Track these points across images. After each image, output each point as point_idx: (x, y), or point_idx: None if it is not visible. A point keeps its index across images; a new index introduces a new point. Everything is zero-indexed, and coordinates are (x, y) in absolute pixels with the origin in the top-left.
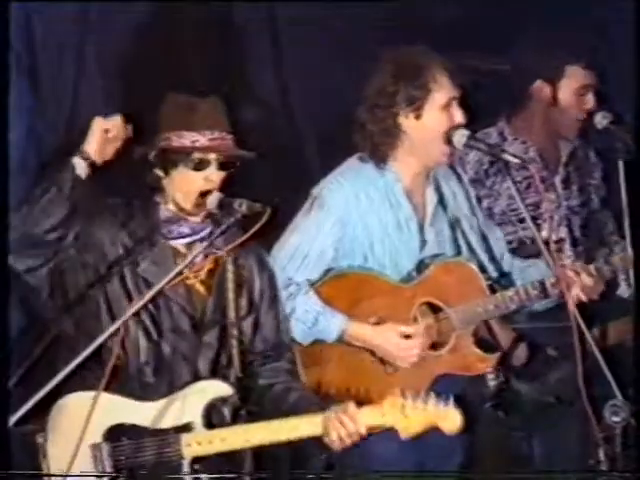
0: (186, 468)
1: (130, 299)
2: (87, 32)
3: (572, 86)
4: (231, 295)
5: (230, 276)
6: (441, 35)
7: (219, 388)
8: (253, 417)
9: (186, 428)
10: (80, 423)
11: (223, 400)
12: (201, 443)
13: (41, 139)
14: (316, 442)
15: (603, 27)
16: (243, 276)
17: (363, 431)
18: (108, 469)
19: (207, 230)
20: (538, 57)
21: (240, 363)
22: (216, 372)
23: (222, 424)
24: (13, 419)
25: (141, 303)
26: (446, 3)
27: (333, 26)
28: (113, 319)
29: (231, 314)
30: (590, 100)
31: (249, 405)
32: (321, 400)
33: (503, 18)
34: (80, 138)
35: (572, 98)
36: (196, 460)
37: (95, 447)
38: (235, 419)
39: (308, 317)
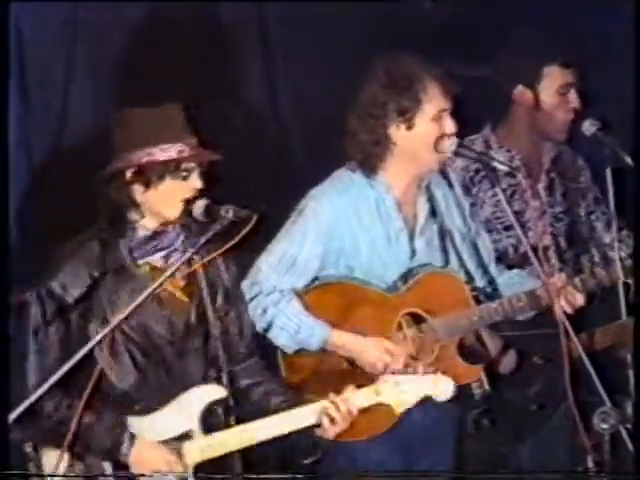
0: (190, 477)
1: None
2: (76, 35)
3: (553, 86)
4: (205, 295)
5: (202, 279)
6: (430, 39)
7: (213, 392)
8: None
9: (185, 437)
10: None
11: (218, 403)
12: (202, 450)
13: (30, 145)
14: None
15: (600, 33)
16: (212, 276)
17: (356, 413)
18: None
19: (181, 238)
20: (516, 62)
21: (228, 363)
22: (208, 376)
23: (220, 427)
24: (12, 416)
25: (126, 312)
26: (436, 6)
27: (323, 27)
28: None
29: (210, 315)
30: (574, 98)
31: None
32: (302, 398)
33: (495, 21)
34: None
35: (555, 99)
36: (199, 467)
37: (97, 466)
38: (230, 420)
39: (290, 325)
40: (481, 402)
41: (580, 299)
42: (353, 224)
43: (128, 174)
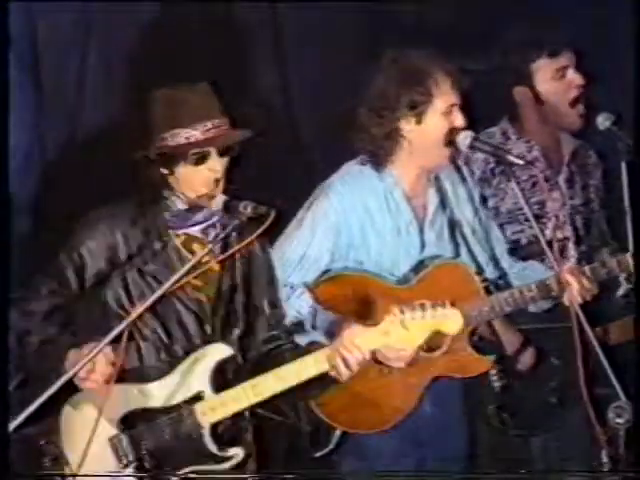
0: (208, 437)
1: (134, 300)
2: (90, 30)
3: (546, 76)
4: (237, 265)
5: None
6: (443, 35)
7: (220, 350)
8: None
9: (197, 398)
10: (92, 419)
11: (226, 362)
12: (215, 409)
13: (44, 138)
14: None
15: (602, 27)
16: (249, 252)
17: (368, 356)
18: (130, 458)
19: (218, 215)
20: (507, 63)
21: (244, 324)
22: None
23: (230, 384)
24: (15, 422)
25: (165, 287)
26: (445, 4)
27: (335, 22)
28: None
29: (239, 284)
30: (573, 77)
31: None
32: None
33: (502, 17)
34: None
35: (552, 86)
36: (216, 426)
37: (114, 438)
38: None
39: (302, 319)
40: (500, 395)
41: (591, 288)
42: (362, 217)
43: (152, 156)
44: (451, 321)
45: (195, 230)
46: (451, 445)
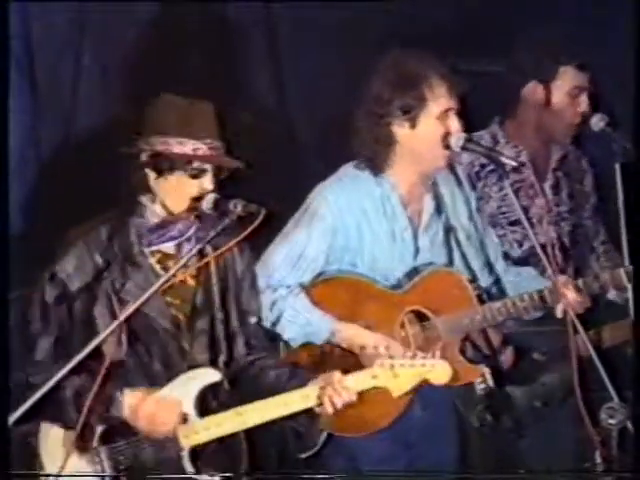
0: (187, 460)
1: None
2: (85, 32)
3: (565, 87)
4: (214, 280)
5: (212, 264)
6: (436, 36)
7: (208, 375)
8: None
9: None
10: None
11: (214, 386)
12: (198, 432)
13: (39, 140)
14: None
15: (602, 28)
16: (225, 261)
17: (354, 397)
18: (108, 471)
19: (193, 229)
20: (531, 58)
21: (227, 346)
22: (215, 359)
23: (216, 409)
24: (12, 418)
25: (137, 304)
26: (442, 4)
27: (331, 26)
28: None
29: (216, 299)
30: (584, 102)
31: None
32: (299, 373)
33: (499, 18)
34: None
35: (565, 99)
36: (195, 450)
37: (93, 451)
38: (227, 403)
39: (298, 318)
40: (484, 398)
41: (584, 301)
42: (359, 220)
43: (143, 157)
44: (440, 372)
45: (169, 246)
46: (441, 446)
